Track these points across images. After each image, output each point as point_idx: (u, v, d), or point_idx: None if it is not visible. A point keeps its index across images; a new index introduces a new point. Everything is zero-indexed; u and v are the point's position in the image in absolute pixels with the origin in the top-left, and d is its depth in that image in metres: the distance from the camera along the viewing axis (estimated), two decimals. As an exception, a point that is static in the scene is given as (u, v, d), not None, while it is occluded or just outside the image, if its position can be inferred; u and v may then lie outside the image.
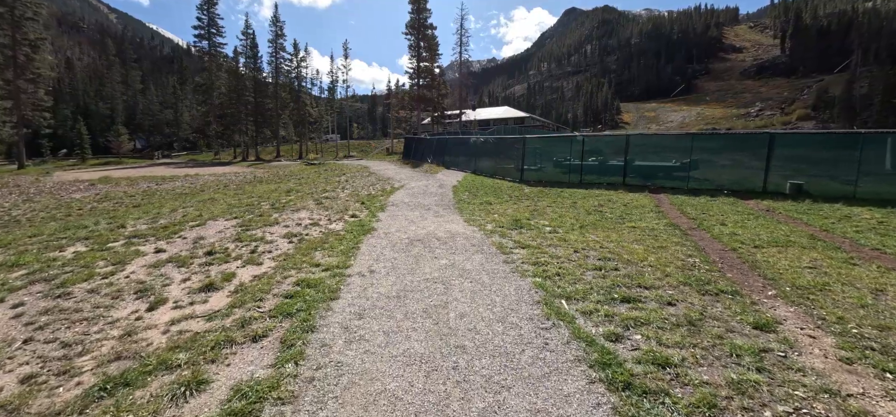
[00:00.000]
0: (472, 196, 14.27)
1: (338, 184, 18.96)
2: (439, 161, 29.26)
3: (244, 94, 60.29)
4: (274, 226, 9.35)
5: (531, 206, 12.19)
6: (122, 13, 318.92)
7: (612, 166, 17.29)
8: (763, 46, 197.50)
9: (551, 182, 17.81)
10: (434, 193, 15.32)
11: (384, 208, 11.96)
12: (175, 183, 23.14)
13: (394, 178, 21.47)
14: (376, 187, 17.59)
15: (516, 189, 16.11)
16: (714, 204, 12.17)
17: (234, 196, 15.23)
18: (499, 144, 21.81)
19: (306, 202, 12.99)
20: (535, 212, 11.09)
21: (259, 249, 7.36)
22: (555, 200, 13.37)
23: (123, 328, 4.27)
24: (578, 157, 17.61)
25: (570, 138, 18.75)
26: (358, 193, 15.50)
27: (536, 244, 7.41)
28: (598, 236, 8.22)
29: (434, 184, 18.28)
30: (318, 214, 10.96)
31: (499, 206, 12.23)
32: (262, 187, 18.51)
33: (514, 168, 20.38)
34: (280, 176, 26.12)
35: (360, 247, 7.37)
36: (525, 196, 14.25)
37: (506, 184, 17.75)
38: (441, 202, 13.06)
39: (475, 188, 16.39)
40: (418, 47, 50.56)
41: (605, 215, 10.54)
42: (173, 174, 30.44)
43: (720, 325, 4.17)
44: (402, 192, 15.67)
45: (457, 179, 20.47)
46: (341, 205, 12.42)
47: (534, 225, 9.21)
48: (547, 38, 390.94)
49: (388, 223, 9.61)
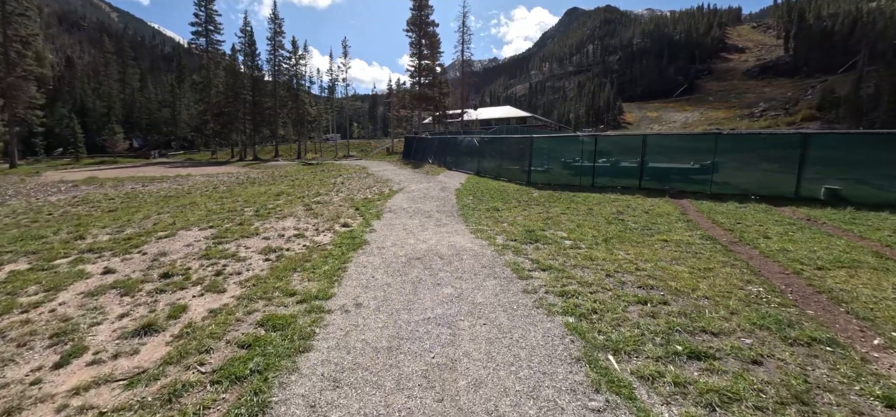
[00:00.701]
0: (477, 201, 13.07)
1: (333, 186, 17.76)
2: (441, 162, 28.05)
3: (241, 92, 59.09)
4: (252, 238, 8.15)
5: (543, 213, 10.98)
6: (124, 12, 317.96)
7: (626, 168, 16.07)
8: (766, 46, 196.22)
9: (561, 185, 16.59)
10: (435, 197, 14.12)
11: (380, 215, 10.76)
12: (162, 184, 21.96)
13: (393, 180, 20.27)
14: (373, 189, 16.40)
15: (524, 193, 14.90)
16: (746, 212, 10.95)
17: (218, 200, 14.03)
18: (504, 145, 20.59)
19: (295, 208, 11.80)
20: (549, 221, 9.88)
21: (227, 269, 6.16)
22: (568, 205, 12.16)
23: (4, 400, 3.07)
24: (590, 158, 16.38)
25: (580, 139, 17.52)
26: (353, 197, 14.30)
27: (559, 265, 6.19)
28: (629, 252, 7.01)
29: (435, 187, 17.08)
30: (306, 222, 9.75)
31: (507, 213, 11.02)
32: (251, 190, 17.32)
33: (519, 170, 19.17)
34: (274, 177, 24.93)
35: (347, 267, 6.17)
36: (535, 201, 13.04)
37: (512, 187, 16.54)
38: (443, 208, 11.86)
39: (480, 192, 15.19)
40: (419, 45, 49.33)
41: (628, 225, 9.32)
42: (164, 175, 29.27)
43: (840, 402, 2.96)
44: (400, 196, 14.47)
45: (460, 181, 19.27)
46: (333, 211, 11.22)
47: (551, 238, 7.99)
48: (548, 38, 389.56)
49: (383, 235, 8.40)
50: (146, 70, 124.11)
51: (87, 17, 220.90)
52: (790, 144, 13.36)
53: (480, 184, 17.72)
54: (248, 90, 60.04)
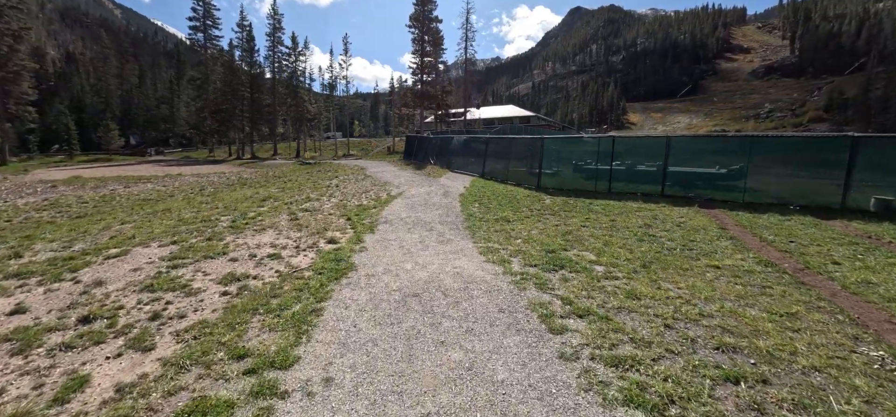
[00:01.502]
0: (485, 210, 11.67)
1: (326, 190, 16.38)
2: (444, 163, 26.66)
3: (239, 89, 57.72)
4: (216, 259, 6.76)
5: (560, 225, 9.57)
6: (127, 8, 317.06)
7: (645, 172, 14.64)
8: (771, 47, 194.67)
9: (574, 191, 15.19)
10: (438, 204, 12.73)
11: (375, 226, 9.37)
12: (146, 185, 20.62)
13: (392, 182, 18.88)
14: (370, 194, 15.00)
15: (535, 199, 13.50)
16: (793, 227, 9.53)
17: (196, 206, 12.65)
18: (512, 145, 19.17)
19: (279, 216, 10.41)
20: (570, 237, 8.48)
21: (168, 310, 4.77)
22: (586, 216, 10.76)
23: None
24: (606, 161, 14.96)
25: (595, 140, 16.08)
26: (346, 203, 12.91)
27: (598, 308, 4.78)
28: (679, 285, 5.61)
29: (438, 191, 15.69)
30: (287, 236, 8.37)
31: (519, 225, 9.62)
32: (237, 193, 15.95)
33: (527, 173, 17.76)
34: (267, 178, 23.58)
35: (324, 308, 4.78)
36: (548, 210, 11.64)
37: (522, 192, 15.13)
38: (447, 218, 10.46)
39: (487, 198, 13.79)
40: (422, 41, 47.87)
41: (664, 244, 7.93)
42: (153, 174, 27.95)
43: None
44: (399, 202, 13.08)
45: (464, 184, 17.87)
46: (321, 222, 9.83)
47: (577, 262, 6.58)
48: (551, 38, 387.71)
49: (375, 256, 7.02)
50: (146, 67, 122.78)
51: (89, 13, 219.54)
52: (837, 149, 11.92)
53: (487, 188, 16.33)
54: (245, 87, 58.67)
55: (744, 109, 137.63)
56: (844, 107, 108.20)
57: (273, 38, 60.97)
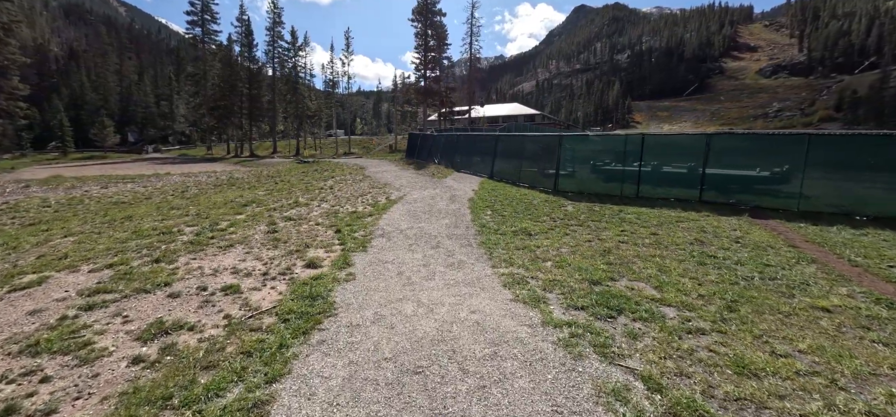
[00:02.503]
0: (499, 218, 9.94)
1: (319, 192, 14.68)
2: (448, 162, 24.92)
3: (237, 84, 56.06)
4: (151, 294, 5.06)
5: (594, 241, 7.84)
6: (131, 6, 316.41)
7: (677, 174, 12.86)
8: (779, 45, 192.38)
9: (596, 195, 13.43)
10: (444, 211, 11.00)
11: (368, 242, 7.65)
12: (126, 186, 18.99)
13: (392, 184, 17.16)
14: (367, 198, 13.29)
15: (555, 206, 11.76)
16: (878, 244, 7.76)
17: (164, 213, 10.96)
18: (524, 144, 17.41)
19: (255, 228, 8.71)
20: (610, 256, 6.75)
21: (33, 401, 3.08)
22: (621, 227, 9.02)
23: None
24: (634, 162, 13.19)
25: (621, 138, 14.30)
26: (338, 209, 11.19)
27: (704, 398, 3.07)
28: (799, 346, 3.87)
29: (443, 195, 13.96)
30: (257, 256, 6.66)
31: (545, 240, 7.89)
32: (219, 196, 14.26)
33: (540, 174, 16.04)
34: (259, 178, 21.92)
35: (276, 394, 3.08)
36: (573, 219, 9.91)
37: (538, 197, 13.38)
38: (455, 230, 8.74)
39: (499, 203, 12.05)
40: (426, 36, 46.08)
41: (734, 269, 6.19)
42: (140, 173, 26.35)
43: None
44: (399, 208, 11.36)
45: (472, 187, 16.13)
46: (304, 235, 8.13)
47: (638, 303, 4.84)
48: (555, 36, 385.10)
49: (364, 289, 5.29)
50: (147, 64, 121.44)
51: (93, 10, 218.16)
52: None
53: (498, 191, 14.59)
54: (244, 83, 57.02)
55: (751, 109, 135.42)
56: (856, 105, 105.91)
57: (273, 32, 59.32)
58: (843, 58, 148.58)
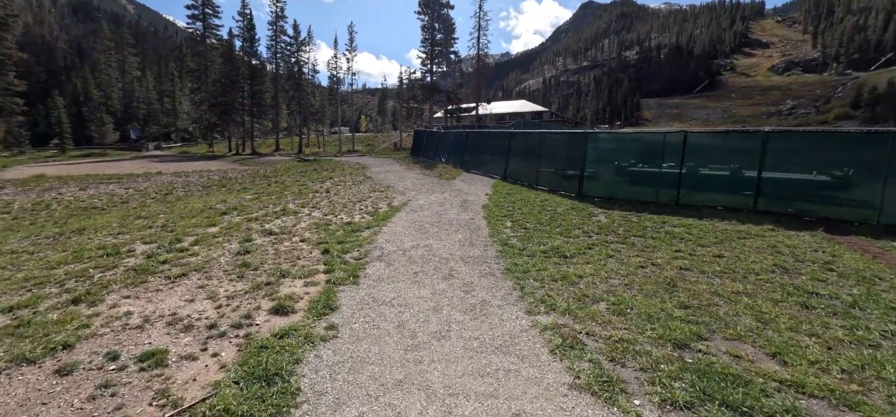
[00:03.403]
0: (522, 232, 8.24)
1: (313, 196, 13.03)
2: (457, 161, 23.20)
3: (239, 80, 54.57)
4: (38, 364, 3.43)
5: (648, 268, 6.13)
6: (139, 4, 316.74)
7: (727, 179, 11.09)
8: (791, 41, 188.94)
9: (627, 200, 11.69)
10: (456, 222, 9.31)
11: (361, 270, 5.97)
12: (107, 187, 17.48)
13: (395, 186, 15.49)
14: (366, 203, 11.63)
15: (583, 214, 10.03)
16: None
17: (128, 224, 9.34)
18: (543, 142, 15.67)
19: (224, 247, 7.06)
20: (677, 291, 5.07)
21: None
22: (672, 245, 7.31)
23: None
24: (674, 163, 11.42)
25: (658, 136, 12.51)
26: (331, 219, 9.52)
27: None
28: None
29: (453, 200, 12.26)
30: (210, 295, 5.01)
31: (585, 265, 6.18)
32: (200, 201, 12.67)
33: (558, 175, 14.34)
34: (253, 178, 20.35)
35: None
36: (610, 233, 8.18)
37: (562, 203, 11.65)
38: (471, 250, 7.05)
39: (519, 211, 10.34)
40: (432, 29, 44.30)
41: (856, 318, 4.47)
42: (130, 172, 24.88)
43: None
44: (403, 218, 9.69)
45: (484, 190, 14.43)
46: (281, 259, 6.46)
47: (767, 393, 3.14)
48: (562, 33, 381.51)
49: (346, 361, 3.60)
50: (152, 60, 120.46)
51: (101, 8, 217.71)
52: None
53: (514, 195, 12.88)
54: (245, 78, 55.53)
55: (764, 106, 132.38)
56: (874, 103, 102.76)
57: (275, 27, 57.78)
58: (858, 54, 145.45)
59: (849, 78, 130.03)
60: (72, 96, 78.30)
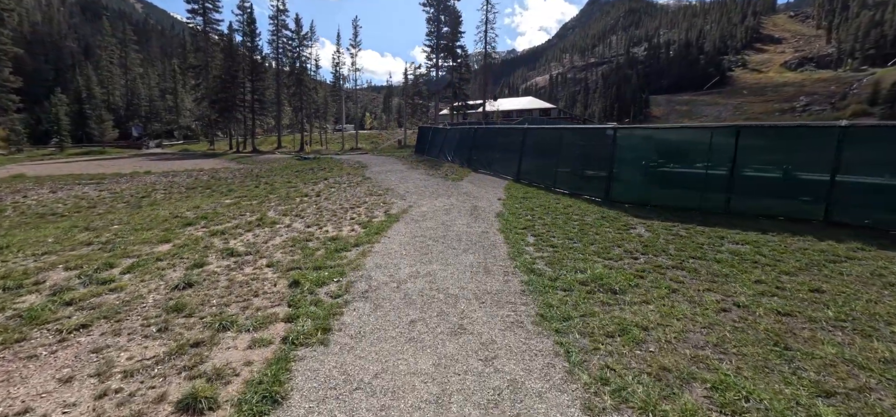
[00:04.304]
0: (550, 252, 6.51)
1: (300, 201, 11.38)
2: (464, 160, 21.49)
3: (239, 75, 53.07)
4: None
5: (729, 309, 4.39)
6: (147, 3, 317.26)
7: (788, 182, 9.30)
8: (804, 37, 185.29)
9: (664, 207, 9.92)
10: (465, 237, 7.60)
11: (334, 318, 4.28)
12: (82, 189, 15.94)
13: (396, 189, 13.81)
14: (360, 211, 9.96)
15: (618, 225, 8.28)
16: None
17: (68, 237, 7.74)
18: (562, 139, 13.88)
19: (161, 279, 5.41)
20: (792, 356, 3.36)
21: None
22: (745, 271, 5.57)
23: None
24: (725, 164, 9.62)
25: (705, 131, 10.63)
26: (314, 233, 7.85)
27: None
28: None
29: (461, 205, 10.56)
30: (97, 373, 3.39)
31: (644, 305, 4.46)
32: (169, 208, 11.07)
33: (579, 175, 12.60)
34: (243, 178, 18.77)
35: None
36: (662, 254, 6.44)
37: (588, 210, 9.90)
38: (487, 281, 5.35)
39: (540, 221, 8.61)
40: (438, 22, 42.55)
41: None
42: (118, 171, 23.40)
43: None
44: (400, 230, 8.00)
45: (496, 193, 12.70)
46: (231, 298, 4.79)
47: None
48: (569, 30, 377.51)
49: None
50: (156, 57, 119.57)
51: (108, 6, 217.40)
52: None
53: (531, 200, 11.15)
54: (246, 74, 54.03)
55: (777, 103, 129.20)
56: (893, 99, 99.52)
57: (277, 21, 56.21)
58: (874, 49, 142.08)
59: (865, 74, 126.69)
60: (74, 94, 77.31)
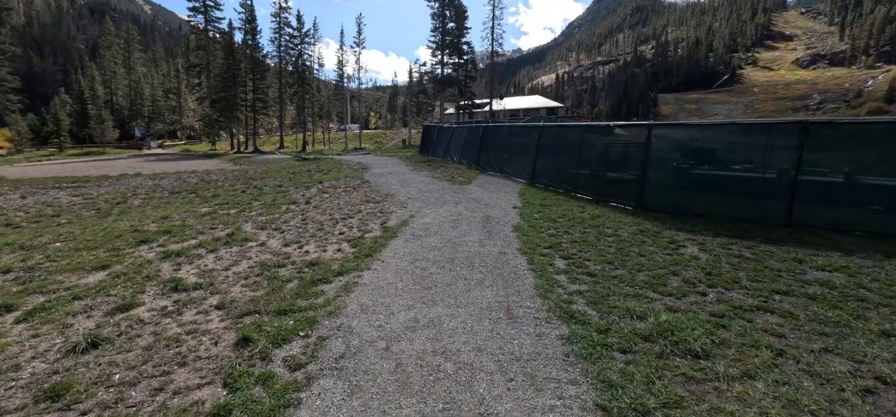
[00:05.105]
0: (589, 283, 4.98)
1: (287, 210, 9.92)
2: (471, 161, 19.96)
3: (239, 74, 51.82)
4: None
5: (873, 391, 2.87)
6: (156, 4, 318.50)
7: (867, 188, 7.71)
8: (817, 34, 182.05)
9: (708, 216, 8.37)
10: (477, 258, 6.08)
11: (286, 412, 2.83)
12: (56, 194, 14.58)
13: (396, 195, 12.31)
14: (352, 223, 8.47)
15: (663, 244, 6.72)
16: None
17: (17, 256, 6.35)
18: (584, 139, 12.31)
19: (62, 333, 3.97)
20: None
21: None
22: (859, 317, 4.02)
23: None
24: (786, 167, 8.04)
25: (761, 127, 8.99)
26: (289, 257, 6.37)
27: None
28: None
29: (471, 215, 9.04)
30: None
31: (753, 387, 2.94)
32: (127, 221, 9.64)
33: (600, 178, 11.07)
34: (233, 182, 17.36)
35: None
36: (736, 286, 4.88)
37: (620, 220, 8.35)
38: (514, 337, 3.82)
39: (566, 236, 7.07)
40: (443, 17, 41.00)
41: None
42: (105, 174, 22.07)
43: None
44: (397, 251, 6.50)
45: (510, 199, 11.16)
46: (136, 377, 3.34)
47: None
48: (575, 28, 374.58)
49: None
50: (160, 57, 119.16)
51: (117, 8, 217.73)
52: None
53: (550, 207, 9.61)
54: (247, 72, 52.78)
55: (789, 100, 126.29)
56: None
57: (279, 19, 54.97)
58: (890, 46, 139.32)
59: (880, 71, 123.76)
60: (77, 94, 76.57)
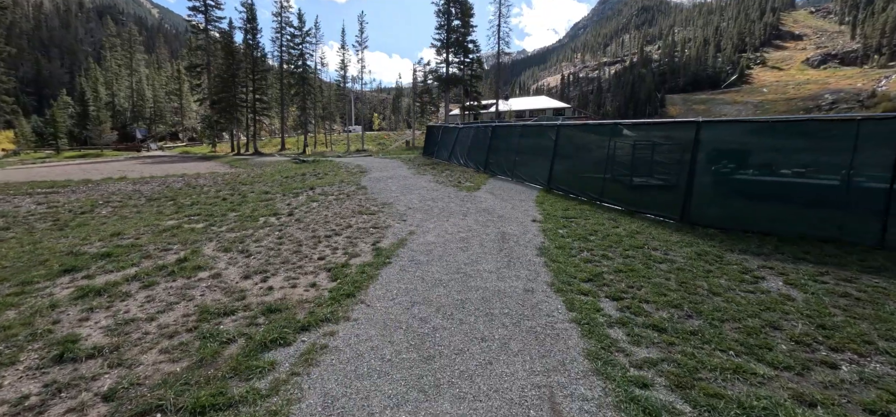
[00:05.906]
0: (656, 338, 3.43)
1: (263, 224, 8.40)
2: (479, 164, 18.39)
3: (239, 74, 50.55)
4: None
5: None
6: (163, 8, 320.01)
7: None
8: (827, 33, 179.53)
9: (773, 234, 6.78)
10: (495, 296, 4.53)
11: None
12: (18, 201, 13.17)
13: (395, 204, 10.76)
14: (337, 240, 6.94)
15: (733, 274, 5.14)
16: None
17: None
18: (613, 141, 10.68)
19: None
20: None
21: None
22: None
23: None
24: (879, 174, 6.44)
25: (846, 124, 7.28)
26: (244, 297, 4.85)
27: None
28: None
29: (484, 232, 7.49)
30: None
31: None
32: (66, 240, 8.17)
33: (633, 186, 9.50)
34: (219, 188, 15.91)
35: None
36: (854, 342, 3.33)
37: (666, 239, 6.76)
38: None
39: (607, 263, 5.49)
40: (448, 14, 39.48)
41: None
42: (87, 178, 20.70)
43: None
44: (389, 286, 4.96)
45: (527, 209, 9.58)
46: None
47: None
48: (580, 29, 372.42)
49: None
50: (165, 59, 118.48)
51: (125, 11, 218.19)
52: None
53: (576, 219, 8.05)
54: (247, 73, 51.52)
55: (799, 101, 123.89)
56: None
57: (280, 18, 53.76)
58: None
59: (893, 70, 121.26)
60: (79, 96, 75.75)
